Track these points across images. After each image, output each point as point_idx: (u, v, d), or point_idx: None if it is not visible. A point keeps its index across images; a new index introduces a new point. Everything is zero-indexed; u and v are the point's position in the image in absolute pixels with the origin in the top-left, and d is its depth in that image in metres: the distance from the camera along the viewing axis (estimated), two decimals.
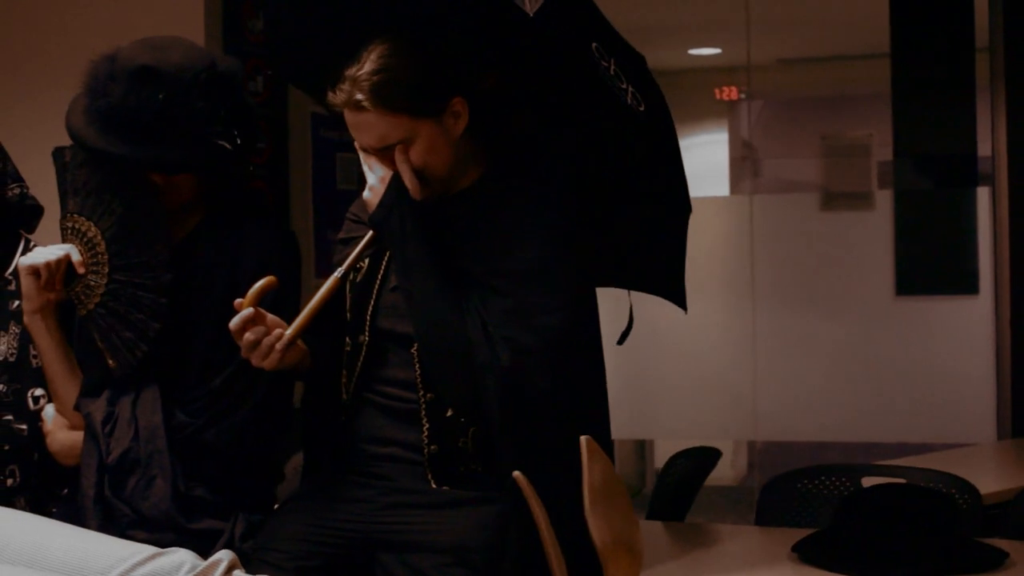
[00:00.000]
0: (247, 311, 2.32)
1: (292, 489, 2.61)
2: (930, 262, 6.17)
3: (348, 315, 2.46)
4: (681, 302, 2.63)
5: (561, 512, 2.26)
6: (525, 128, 2.44)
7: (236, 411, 2.51)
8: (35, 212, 2.82)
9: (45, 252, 2.57)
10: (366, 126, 2.31)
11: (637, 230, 2.49)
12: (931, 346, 6.29)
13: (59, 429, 2.61)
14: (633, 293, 2.58)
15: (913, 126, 5.86)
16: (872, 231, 6.01)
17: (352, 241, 2.50)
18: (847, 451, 6.02)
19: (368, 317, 2.42)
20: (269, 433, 2.59)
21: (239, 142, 2.51)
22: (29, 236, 2.82)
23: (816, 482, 3.09)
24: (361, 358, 2.42)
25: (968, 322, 5.80)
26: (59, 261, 2.54)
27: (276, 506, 2.60)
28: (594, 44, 2.25)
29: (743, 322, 5.69)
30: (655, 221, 2.47)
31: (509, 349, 2.25)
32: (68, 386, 2.60)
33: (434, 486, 2.35)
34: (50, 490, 2.70)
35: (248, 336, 2.32)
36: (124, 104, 2.42)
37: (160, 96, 2.40)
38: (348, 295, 2.46)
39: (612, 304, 2.57)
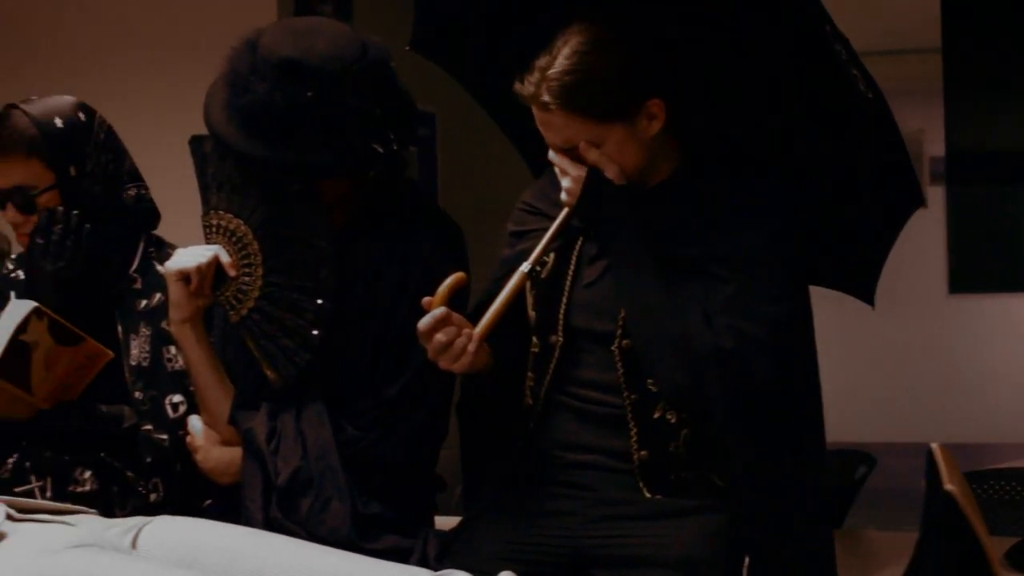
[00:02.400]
0: (439, 310, 2.14)
1: None
2: (983, 259, 6.11)
3: (532, 313, 2.29)
4: (869, 297, 2.48)
5: (782, 518, 2.13)
6: (730, 115, 2.28)
7: (409, 421, 2.33)
8: (152, 215, 2.63)
9: (191, 254, 2.36)
10: (552, 126, 2.16)
11: (850, 223, 2.33)
12: (985, 343, 6.24)
13: (212, 445, 2.39)
14: None
15: (965, 122, 5.78)
16: (924, 228, 5.93)
17: (528, 234, 2.34)
18: (905, 453, 5.91)
19: (561, 315, 2.25)
20: (440, 441, 2.41)
21: (394, 146, 2.30)
22: (152, 233, 2.63)
23: (986, 487, 2.95)
24: (554, 359, 2.25)
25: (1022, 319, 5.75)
26: (209, 264, 2.33)
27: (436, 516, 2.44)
28: (827, 27, 2.09)
29: None
30: (872, 214, 2.32)
31: (732, 337, 2.09)
32: (219, 399, 2.39)
33: (647, 495, 2.18)
34: (192, 503, 2.50)
35: (439, 337, 2.14)
36: (268, 103, 2.20)
37: (308, 94, 2.20)
38: (530, 292, 2.29)
39: None
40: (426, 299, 2.15)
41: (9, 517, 1.68)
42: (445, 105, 4.16)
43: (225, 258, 2.33)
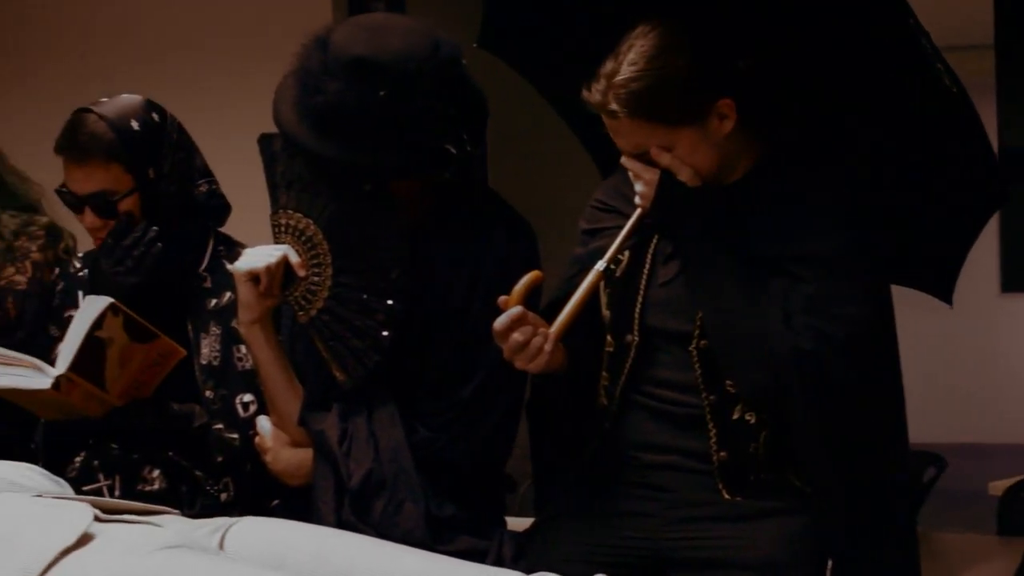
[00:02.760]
0: (516, 309, 2.12)
1: None
2: None
3: (606, 311, 2.26)
4: (948, 296, 2.44)
5: (866, 520, 2.10)
6: (807, 111, 2.24)
7: (483, 422, 2.30)
8: (223, 211, 2.61)
9: (260, 254, 2.33)
10: (622, 133, 2.13)
11: (932, 221, 2.29)
12: None
13: (282, 446, 2.37)
14: None
15: (1018, 119, 5.71)
16: None
17: (601, 232, 2.31)
18: (960, 453, 5.85)
19: (636, 314, 2.22)
20: (511, 441, 2.38)
21: (468, 147, 2.26)
22: (220, 231, 2.61)
23: None
24: (629, 359, 2.22)
25: None
26: (278, 264, 2.30)
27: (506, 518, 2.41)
28: (911, 20, 2.06)
29: None
30: (955, 211, 2.28)
31: (812, 338, 2.05)
32: (289, 400, 2.37)
33: (726, 497, 2.15)
34: (260, 503, 2.48)
35: (516, 337, 2.11)
36: (340, 103, 2.16)
37: (380, 93, 2.16)
38: (604, 290, 2.26)
39: None
40: (502, 298, 2.13)
41: (96, 518, 1.66)
42: None
43: (294, 258, 2.31)
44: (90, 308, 2.29)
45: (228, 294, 2.50)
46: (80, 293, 2.58)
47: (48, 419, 2.46)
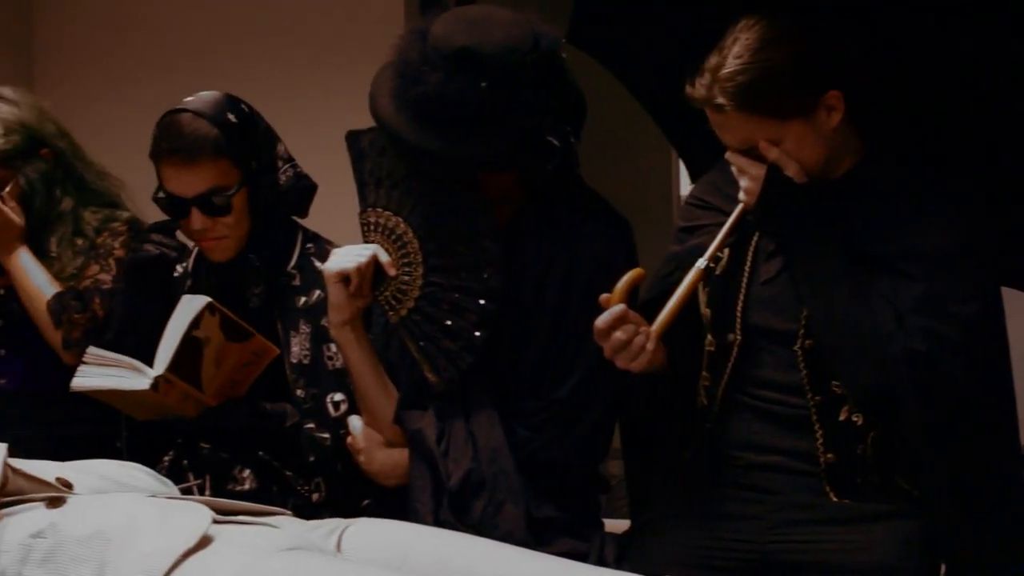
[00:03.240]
0: (618, 307, 2.08)
1: None
2: None
3: (706, 310, 2.22)
4: None
5: (980, 524, 2.05)
6: (914, 103, 2.19)
7: (581, 421, 2.26)
8: (309, 192, 2.57)
9: (350, 254, 2.30)
10: (728, 127, 2.08)
11: None
12: None
13: (376, 447, 2.34)
14: None
15: None
16: None
17: (698, 230, 2.27)
18: None
19: (738, 313, 2.18)
20: (609, 442, 2.35)
21: (571, 139, 2.24)
22: (306, 227, 2.59)
23: None
24: (731, 358, 2.18)
25: None
26: (368, 263, 2.27)
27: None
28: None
29: None
30: None
31: (924, 339, 2.01)
32: (382, 400, 2.34)
33: (834, 499, 2.11)
34: (353, 503, 2.45)
35: (619, 335, 2.08)
36: (441, 94, 2.13)
37: (482, 85, 2.12)
38: (703, 289, 2.22)
39: None
40: (604, 296, 2.10)
41: (213, 520, 1.64)
42: None
43: (384, 257, 2.28)
44: (187, 307, 2.27)
45: (317, 292, 2.47)
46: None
47: (141, 419, 2.44)
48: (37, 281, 2.61)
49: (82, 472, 1.85)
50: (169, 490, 1.91)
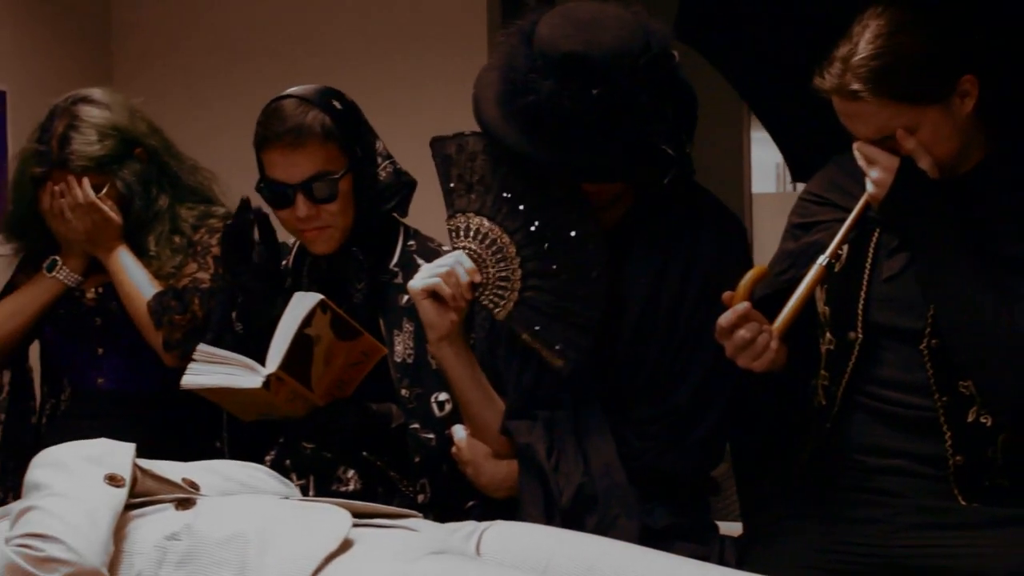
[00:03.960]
0: (742, 305, 2.04)
1: None
2: None
3: (824, 307, 2.17)
4: None
5: None
6: None
7: (698, 427, 2.21)
8: (409, 188, 2.52)
9: (436, 268, 2.22)
10: (862, 116, 2.02)
11: None
12: None
13: (483, 459, 2.28)
14: None
15: None
16: None
17: (815, 226, 2.21)
18: None
19: (859, 310, 2.12)
20: (725, 444, 2.30)
21: (687, 148, 2.17)
22: (409, 226, 2.55)
23: None
24: (852, 357, 2.12)
25: None
26: (450, 272, 2.19)
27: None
28: None
29: None
30: None
31: None
32: (487, 413, 2.28)
33: (963, 503, 2.05)
34: (458, 504, 2.41)
35: (743, 334, 2.03)
36: (552, 105, 2.07)
37: (593, 92, 2.06)
38: (821, 286, 2.16)
39: None
40: (727, 293, 2.04)
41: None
42: None
43: (467, 263, 2.21)
44: (299, 305, 2.23)
45: None
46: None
47: (245, 420, 2.40)
48: (137, 281, 2.59)
49: (206, 472, 1.83)
50: (291, 491, 1.88)
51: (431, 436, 2.38)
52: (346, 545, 1.57)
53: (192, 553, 1.59)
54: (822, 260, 2.09)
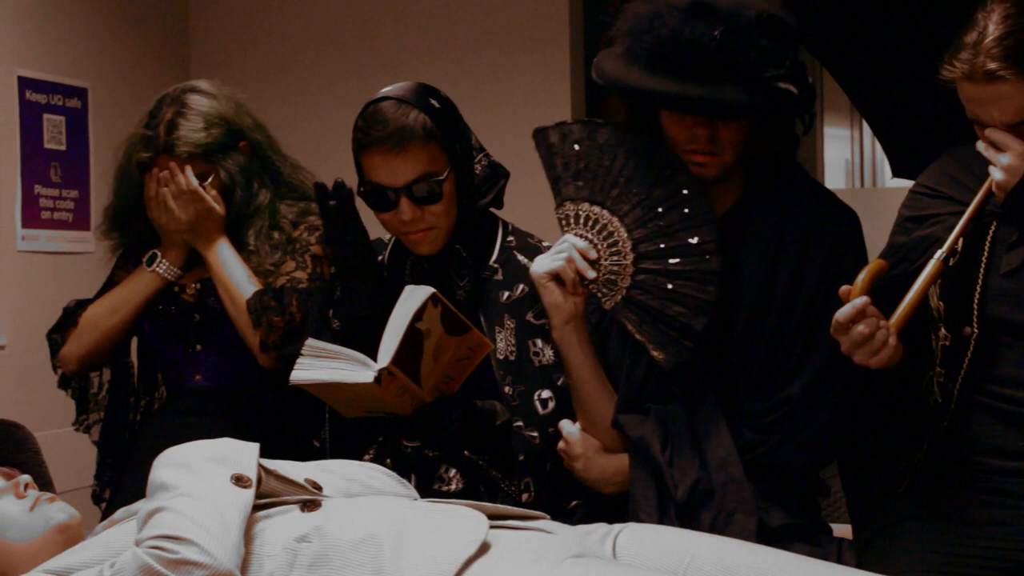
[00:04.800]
0: (860, 300, 1.99)
1: None
2: None
3: (938, 302, 2.12)
4: None
5: None
6: None
7: (813, 422, 2.17)
8: (504, 179, 2.49)
9: (557, 252, 2.24)
10: (999, 98, 1.96)
11: None
12: None
13: (595, 453, 2.26)
14: None
15: None
16: None
17: (928, 220, 2.16)
18: None
19: (975, 305, 2.07)
20: (840, 442, 2.25)
21: (810, 89, 2.18)
22: (505, 220, 2.53)
23: None
24: (968, 353, 2.07)
25: None
26: (572, 258, 2.21)
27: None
28: None
29: None
30: None
31: None
32: (602, 404, 2.27)
33: None
34: (561, 504, 2.38)
35: (861, 329, 1.98)
36: (676, 39, 2.11)
37: (715, 34, 2.09)
38: (935, 280, 2.11)
39: None
40: (844, 288, 2.00)
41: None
42: None
43: (582, 245, 2.22)
44: (411, 298, 2.20)
45: (521, 286, 2.40)
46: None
47: (348, 416, 2.38)
48: (236, 277, 2.57)
49: (325, 472, 1.81)
50: (409, 491, 1.85)
51: (535, 434, 2.35)
52: (484, 548, 1.55)
53: (324, 556, 1.56)
54: (939, 254, 2.04)
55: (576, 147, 2.25)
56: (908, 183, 2.33)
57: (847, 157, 6.88)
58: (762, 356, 2.18)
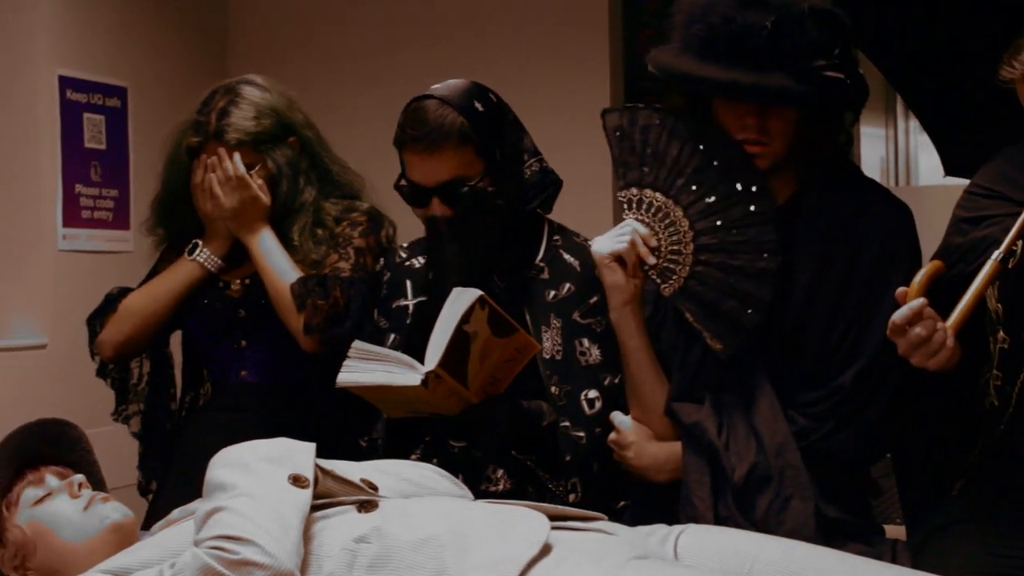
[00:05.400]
0: (917, 302, 1.97)
1: None
2: None
3: (997, 305, 2.10)
4: None
5: None
6: None
7: (865, 413, 2.16)
8: (556, 187, 2.49)
9: (615, 236, 2.24)
10: None
11: None
12: None
13: (645, 440, 2.26)
14: None
15: None
16: None
17: (985, 220, 2.14)
18: None
19: None
20: (891, 440, 2.23)
21: (857, 77, 2.18)
22: (554, 221, 2.51)
23: None
24: None
25: None
26: (634, 241, 2.21)
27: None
28: None
29: None
30: None
31: None
32: (655, 390, 2.26)
33: None
34: (608, 505, 2.36)
35: (918, 331, 1.96)
36: (727, 27, 2.12)
37: (766, 24, 2.10)
38: (993, 282, 2.09)
39: None
40: (901, 290, 1.99)
41: None
42: None
43: (643, 230, 2.22)
44: (458, 300, 2.19)
45: (567, 285, 2.40)
46: (408, 283, 2.50)
47: (392, 416, 2.37)
48: (279, 265, 2.56)
49: (379, 472, 1.80)
50: (463, 491, 1.84)
51: (581, 434, 2.34)
52: (545, 550, 1.53)
53: (384, 556, 1.55)
54: (997, 255, 2.02)
55: (644, 132, 2.25)
56: (942, 181, 2.33)
57: (882, 155, 6.84)
58: (814, 347, 2.17)
